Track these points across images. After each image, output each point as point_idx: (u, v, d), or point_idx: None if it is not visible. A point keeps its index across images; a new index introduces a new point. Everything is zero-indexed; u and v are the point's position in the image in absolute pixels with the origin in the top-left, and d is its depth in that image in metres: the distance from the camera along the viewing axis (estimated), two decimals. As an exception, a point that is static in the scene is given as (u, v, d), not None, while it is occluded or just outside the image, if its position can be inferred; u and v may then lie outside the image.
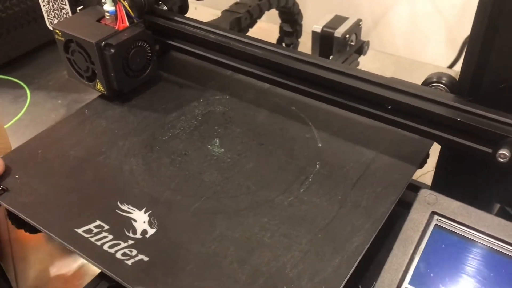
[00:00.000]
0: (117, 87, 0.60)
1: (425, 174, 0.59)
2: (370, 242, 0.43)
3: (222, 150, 0.54)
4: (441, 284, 0.39)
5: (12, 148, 0.59)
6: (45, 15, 0.69)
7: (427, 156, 0.53)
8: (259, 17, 0.86)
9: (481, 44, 0.43)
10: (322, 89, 0.53)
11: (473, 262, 0.40)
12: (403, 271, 0.40)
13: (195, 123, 0.58)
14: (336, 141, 0.54)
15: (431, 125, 0.48)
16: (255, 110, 0.59)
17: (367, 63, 0.91)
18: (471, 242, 0.41)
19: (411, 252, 0.41)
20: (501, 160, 0.43)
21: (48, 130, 0.58)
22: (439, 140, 0.49)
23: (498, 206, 0.53)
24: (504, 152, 0.42)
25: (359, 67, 0.80)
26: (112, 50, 0.57)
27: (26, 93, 0.86)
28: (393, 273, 0.40)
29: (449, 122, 0.46)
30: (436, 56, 1.12)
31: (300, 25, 0.96)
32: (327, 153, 0.53)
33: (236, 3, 0.85)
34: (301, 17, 0.95)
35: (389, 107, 0.49)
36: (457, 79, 0.49)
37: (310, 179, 0.50)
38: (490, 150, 0.44)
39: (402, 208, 0.48)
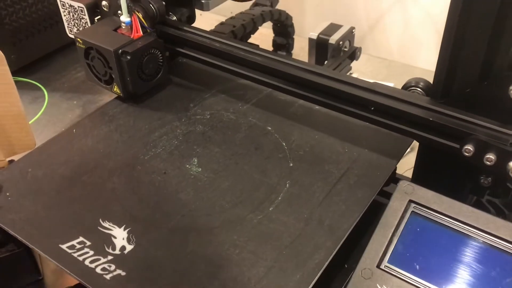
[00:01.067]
0: (132, 90, 0.63)
1: (411, 169, 0.61)
2: (330, 258, 0.45)
3: (200, 169, 0.55)
4: (415, 263, 0.43)
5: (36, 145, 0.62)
6: (65, 24, 0.72)
7: (394, 173, 0.55)
8: (244, 37, 0.88)
9: (449, 55, 0.47)
10: (314, 92, 0.57)
11: (444, 244, 0.43)
12: (383, 252, 0.43)
13: (176, 142, 0.58)
14: (306, 160, 0.55)
15: (409, 124, 0.51)
16: (233, 130, 0.60)
17: (360, 67, 0.93)
18: (443, 227, 0.44)
19: (390, 235, 0.44)
20: (466, 154, 0.47)
21: (38, 149, 0.59)
22: (416, 137, 0.52)
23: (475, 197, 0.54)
24: (469, 148, 0.46)
25: (352, 71, 0.83)
26: (128, 57, 0.61)
27: (44, 95, 0.89)
28: (374, 253, 0.43)
29: (423, 121, 0.49)
30: (427, 60, 1.07)
31: (292, 26, 0.97)
32: (298, 172, 0.54)
33: (222, 23, 0.87)
34: (291, 18, 0.96)
35: (372, 109, 0.53)
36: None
37: (279, 198, 0.51)
38: (457, 146, 0.48)
39: (384, 198, 0.52)
